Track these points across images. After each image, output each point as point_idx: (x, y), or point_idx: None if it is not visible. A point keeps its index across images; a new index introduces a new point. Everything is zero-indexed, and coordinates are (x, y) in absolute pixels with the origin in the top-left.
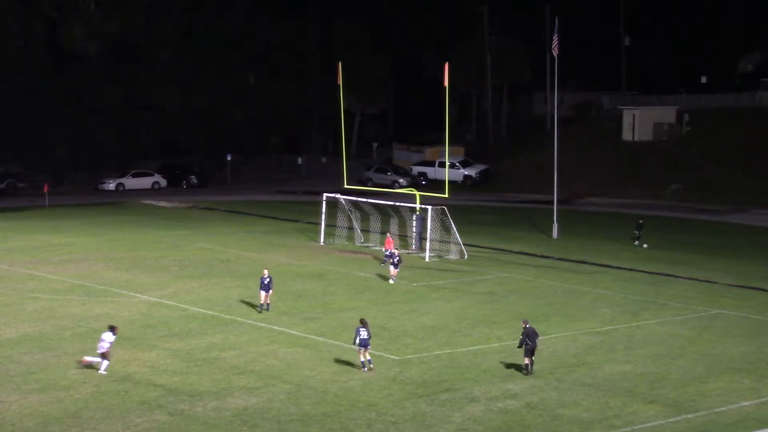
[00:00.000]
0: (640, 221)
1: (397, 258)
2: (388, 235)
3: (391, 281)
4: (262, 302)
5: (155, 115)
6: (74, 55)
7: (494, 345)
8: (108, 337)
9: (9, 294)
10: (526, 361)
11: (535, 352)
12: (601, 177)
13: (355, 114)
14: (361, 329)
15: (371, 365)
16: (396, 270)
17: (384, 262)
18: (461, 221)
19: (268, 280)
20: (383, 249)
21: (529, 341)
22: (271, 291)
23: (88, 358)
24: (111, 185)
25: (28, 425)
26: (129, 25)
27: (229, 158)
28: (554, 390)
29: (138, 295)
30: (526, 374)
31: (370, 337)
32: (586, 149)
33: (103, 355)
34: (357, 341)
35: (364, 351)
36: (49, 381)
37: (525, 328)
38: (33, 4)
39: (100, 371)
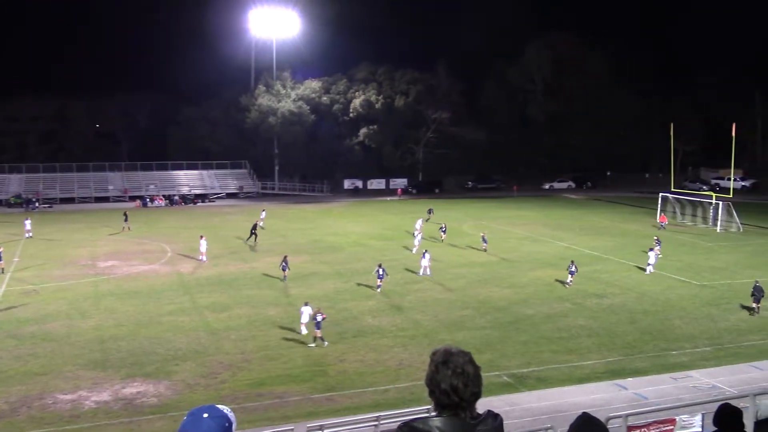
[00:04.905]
0: None
1: None
2: (662, 214)
3: None
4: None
5: (572, 151)
6: (533, 119)
7: (749, 281)
8: None
9: (493, 239)
10: (754, 306)
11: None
12: None
13: (678, 150)
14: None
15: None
16: None
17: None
18: (737, 210)
19: (381, 270)
20: (659, 222)
21: (756, 293)
22: (385, 277)
23: None
24: (547, 186)
25: (500, 304)
26: (561, 104)
27: (608, 174)
28: None
29: (558, 242)
30: (752, 314)
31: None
32: None
33: None
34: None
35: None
36: (513, 282)
37: (755, 284)
38: (508, 94)
39: None
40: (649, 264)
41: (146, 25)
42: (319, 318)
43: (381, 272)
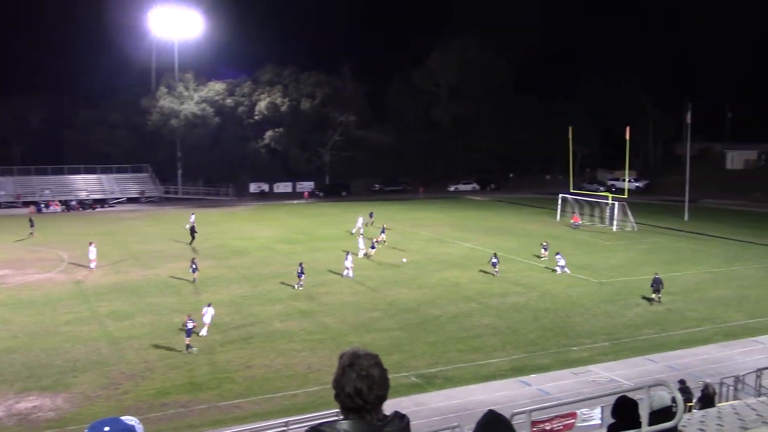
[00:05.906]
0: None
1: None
2: (574, 214)
3: None
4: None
5: (477, 153)
6: (438, 122)
7: (648, 277)
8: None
9: (400, 240)
10: (654, 296)
11: (662, 288)
12: (713, 188)
13: (576, 153)
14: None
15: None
16: None
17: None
18: (631, 209)
19: (300, 269)
20: (572, 222)
21: (655, 285)
22: (303, 276)
23: None
24: (452, 188)
25: (408, 306)
26: (466, 109)
27: (511, 176)
28: (683, 302)
29: (464, 243)
30: (652, 304)
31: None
32: (705, 173)
33: None
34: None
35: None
36: (421, 283)
37: (655, 276)
38: (414, 98)
39: None
40: (564, 267)
41: (39, 23)
42: (189, 325)
43: (300, 270)
